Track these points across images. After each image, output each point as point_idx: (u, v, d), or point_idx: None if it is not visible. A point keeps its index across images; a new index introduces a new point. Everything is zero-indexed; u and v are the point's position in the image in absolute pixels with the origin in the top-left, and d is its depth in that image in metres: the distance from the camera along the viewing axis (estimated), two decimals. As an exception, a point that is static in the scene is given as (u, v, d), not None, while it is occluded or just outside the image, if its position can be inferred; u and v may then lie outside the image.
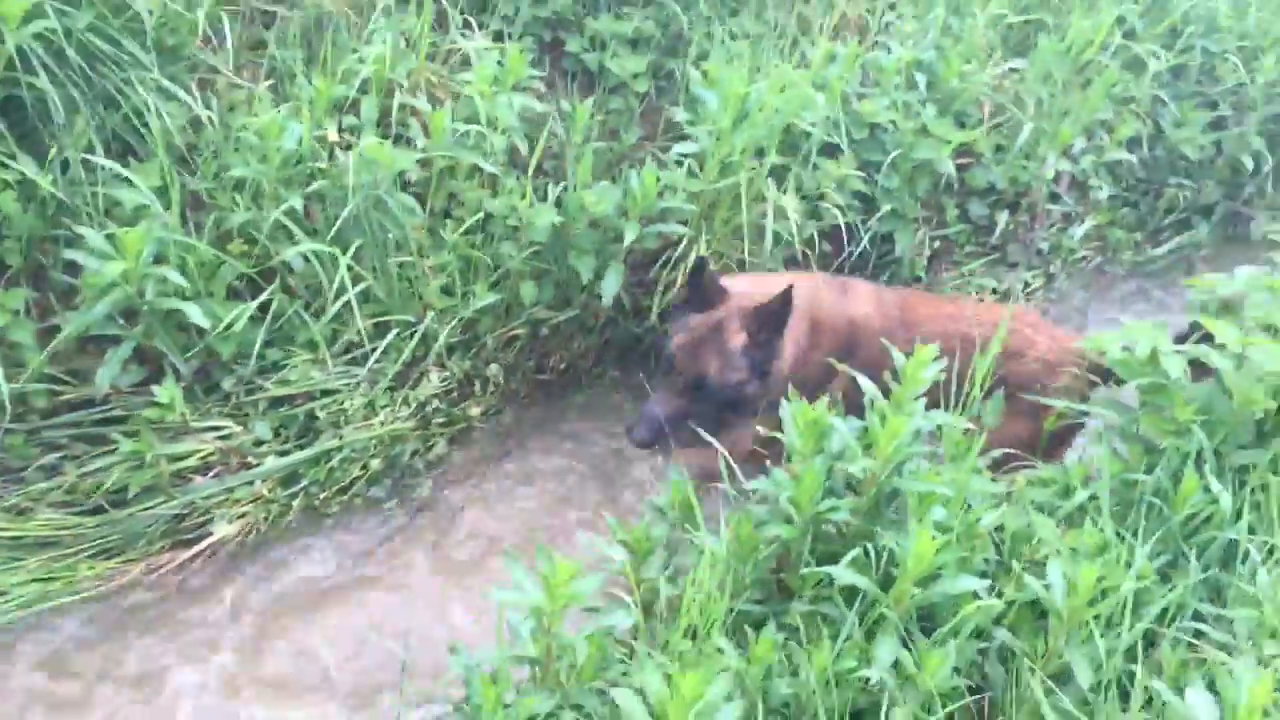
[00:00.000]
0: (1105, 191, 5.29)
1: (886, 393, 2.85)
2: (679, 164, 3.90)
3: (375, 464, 3.61)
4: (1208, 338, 3.11)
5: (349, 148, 3.35)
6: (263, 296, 3.29)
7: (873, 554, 2.76)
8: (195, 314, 3.11)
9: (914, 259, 4.67)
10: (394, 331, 3.56)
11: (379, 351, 3.55)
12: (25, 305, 3.06)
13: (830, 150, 4.32)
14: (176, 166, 3.27)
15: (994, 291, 4.93)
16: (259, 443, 3.41)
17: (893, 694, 2.54)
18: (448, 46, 4.04)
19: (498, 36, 4.14)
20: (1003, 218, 4.95)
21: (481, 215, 3.69)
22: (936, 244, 4.85)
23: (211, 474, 3.33)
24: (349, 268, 3.35)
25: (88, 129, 3.12)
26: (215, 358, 3.30)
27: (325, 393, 3.52)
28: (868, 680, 2.52)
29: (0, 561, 3.04)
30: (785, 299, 3.26)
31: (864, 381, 3.01)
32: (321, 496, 3.51)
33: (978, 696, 2.64)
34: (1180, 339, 3.22)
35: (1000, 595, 2.78)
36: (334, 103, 3.43)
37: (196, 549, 3.29)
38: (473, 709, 2.43)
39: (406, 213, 3.49)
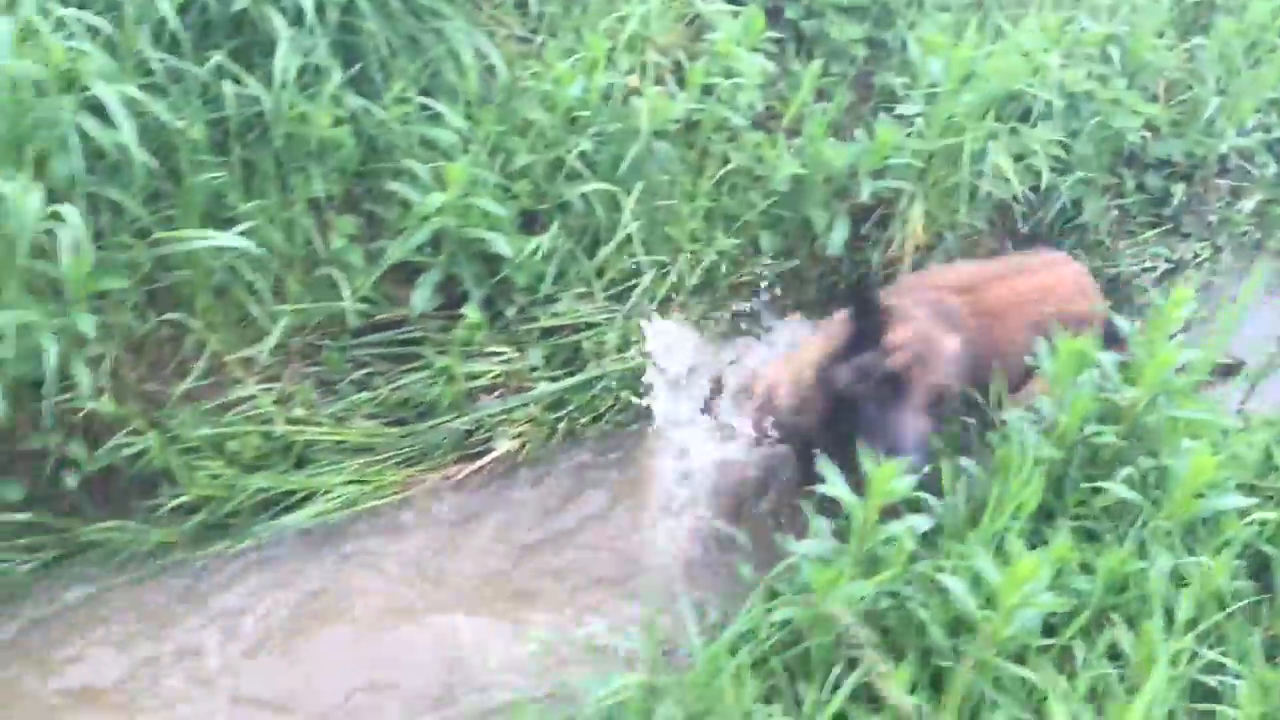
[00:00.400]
0: (1272, 168, 5.48)
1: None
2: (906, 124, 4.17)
3: (626, 394, 3.89)
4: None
5: (639, 95, 3.63)
6: (549, 231, 3.58)
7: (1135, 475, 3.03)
8: (500, 244, 3.41)
9: (1097, 224, 4.89)
10: (651, 271, 3.84)
11: (638, 289, 3.83)
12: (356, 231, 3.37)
13: (1026, 116, 4.57)
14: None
15: (1167, 261, 5.14)
16: (533, 369, 3.71)
17: (1171, 596, 2.80)
18: (680, 9, 4.31)
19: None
20: (1179, 189, 5.17)
21: (727, 166, 3.97)
22: (1114, 213, 5.07)
23: (495, 394, 3.64)
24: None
25: (408, 71, 3.42)
26: (505, 286, 3.60)
27: (588, 325, 3.81)
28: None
29: (326, 462, 3.36)
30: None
31: (1120, 320, 3.29)
32: (581, 421, 3.80)
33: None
34: None
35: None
36: (603, 56, 3.69)
37: (481, 462, 3.59)
38: (801, 585, 2.72)
39: (670, 160, 3.77)
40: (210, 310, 3.20)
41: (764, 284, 4.19)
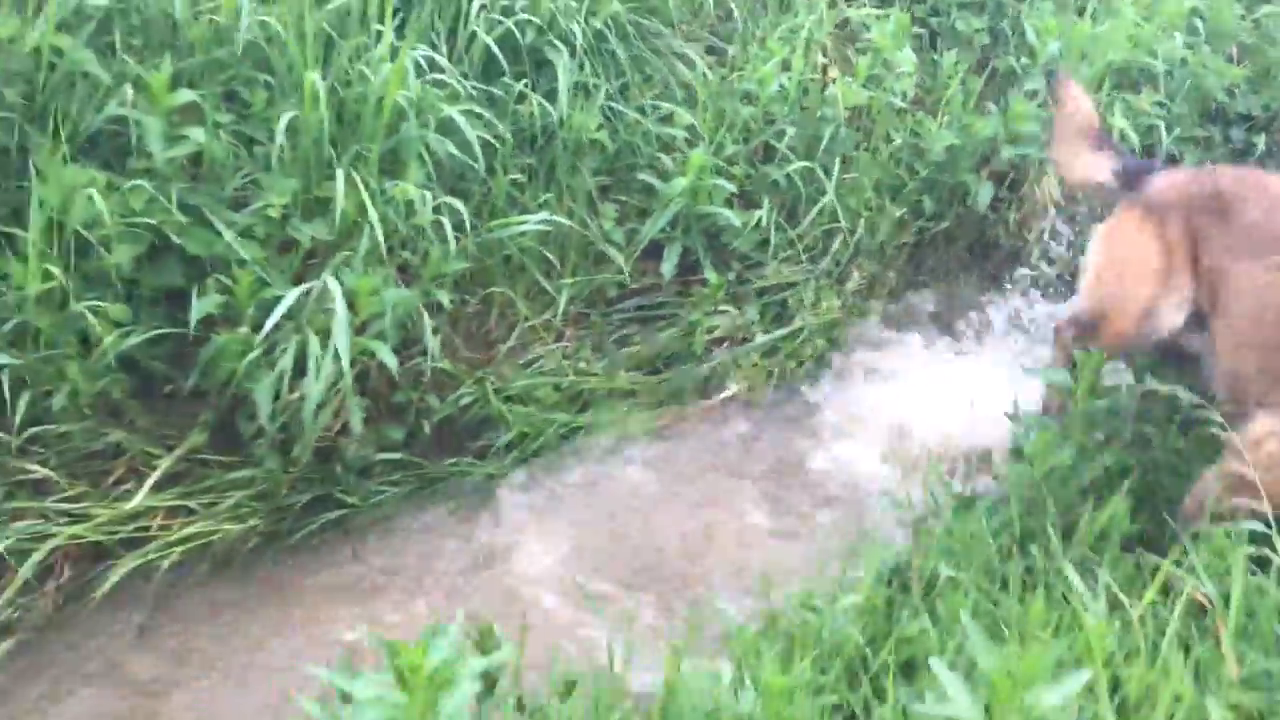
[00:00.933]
0: (1339, 114, 6.18)
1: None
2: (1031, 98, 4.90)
3: (820, 343, 4.61)
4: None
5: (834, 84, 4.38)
6: (764, 206, 4.32)
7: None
8: (731, 218, 4.15)
9: (1194, 175, 5.60)
10: (840, 236, 4.57)
11: (829, 253, 4.57)
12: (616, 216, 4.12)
13: (1127, 84, 5.29)
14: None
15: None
16: (751, 323, 4.43)
17: None
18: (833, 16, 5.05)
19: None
20: (1260, 140, 5.87)
21: (892, 143, 4.70)
22: (1207, 163, 5.77)
23: (724, 345, 4.37)
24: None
25: (640, 83, 4.18)
26: (724, 254, 4.34)
27: (790, 284, 4.54)
28: None
29: (602, 406, 4.08)
30: None
31: None
32: (790, 366, 4.51)
33: None
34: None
35: None
36: (798, 59, 4.44)
37: (715, 400, 4.31)
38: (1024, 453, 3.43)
39: (849, 140, 4.51)
40: (511, 286, 3.95)
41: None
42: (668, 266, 4.20)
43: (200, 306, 3.10)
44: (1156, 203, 3.16)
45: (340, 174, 3.24)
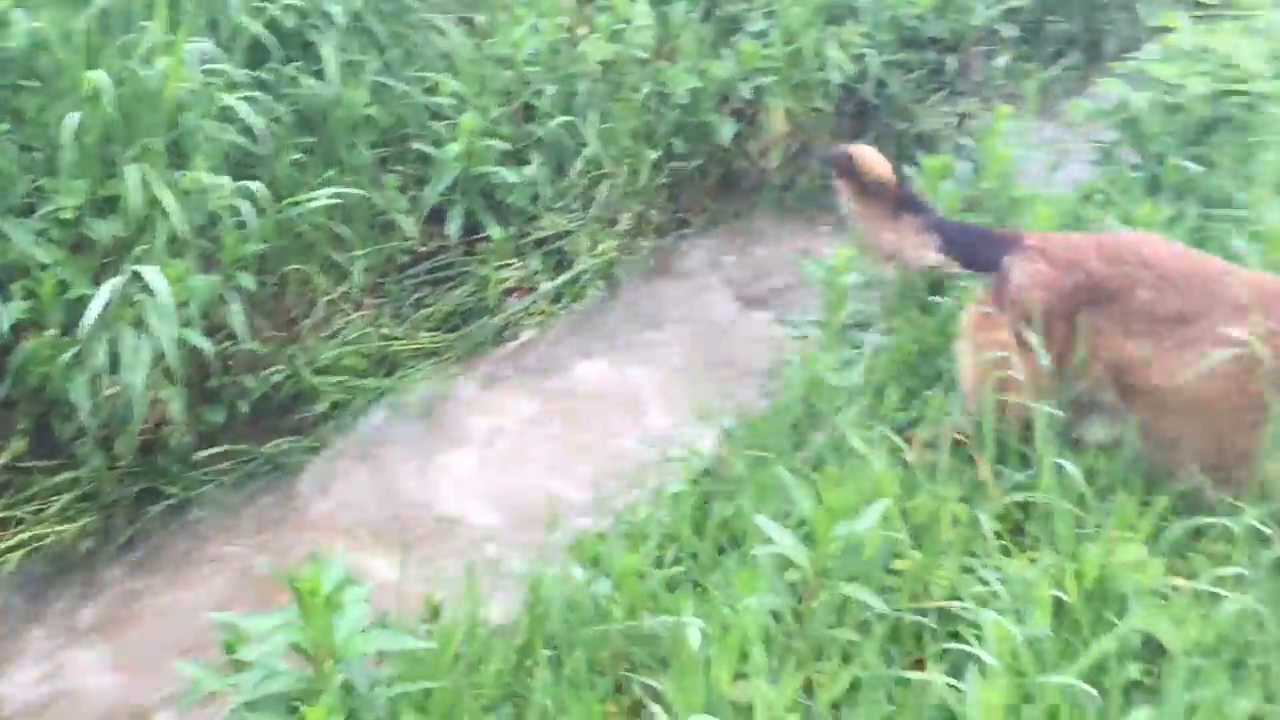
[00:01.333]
0: (1014, 33, 7.02)
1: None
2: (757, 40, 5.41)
3: (601, 283, 4.96)
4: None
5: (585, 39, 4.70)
6: (534, 162, 4.61)
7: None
8: (508, 175, 4.43)
9: (900, 95, 6.28)
10: (606, 183, 4.92)
11: (598, 200, 4.92)
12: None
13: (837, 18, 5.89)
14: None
15: (957, 115, 6.58)
16: (535, 273, 4.73)
17: None
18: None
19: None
20: (951, 60, 6.62)
21: (641, 91, 5.08)
22: (910, 84, 6.47)
23: (514, 296, 4.65)
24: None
25: (402, 57, 4.37)
26: (502, 211, 4.61)
27: (566, 233, 4.86)
28: None
29: (409, 367, 4.28)
30: None
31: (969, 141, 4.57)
32: (575, 307, 4.84)
33: None
34: None
35: None
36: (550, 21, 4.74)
37: (510, 348, 4.59)
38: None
39: (600, 93, 4.86)
40: (306, 262, 4.09)
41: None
42: (453, 227, 4.44)
43: (9, 313, 3.12)
44: (1024, 302, 2.78)
45: (130, 170, 3.31)
